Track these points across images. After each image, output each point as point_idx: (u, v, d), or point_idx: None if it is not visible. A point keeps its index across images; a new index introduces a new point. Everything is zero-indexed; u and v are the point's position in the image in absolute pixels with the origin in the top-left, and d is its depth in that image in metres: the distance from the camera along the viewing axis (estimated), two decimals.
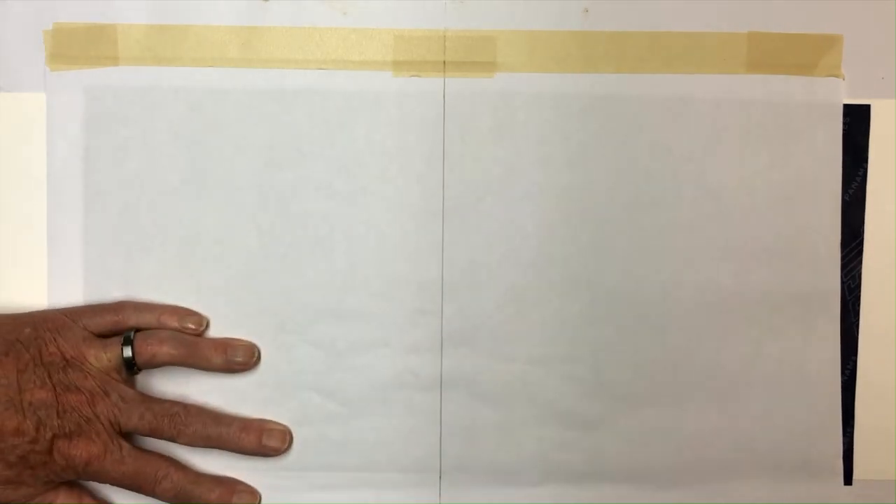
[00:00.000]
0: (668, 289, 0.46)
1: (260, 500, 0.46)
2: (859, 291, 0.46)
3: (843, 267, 0.46)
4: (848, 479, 0.46)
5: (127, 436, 0.44)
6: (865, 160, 0.46)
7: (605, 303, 0.46)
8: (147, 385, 0.45)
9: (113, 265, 0.46)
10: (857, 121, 0.46)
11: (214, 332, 0.46)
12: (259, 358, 0.46)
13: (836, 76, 0.46)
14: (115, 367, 0.43)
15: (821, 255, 0.46)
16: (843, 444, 0.46)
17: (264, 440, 0.45)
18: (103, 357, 0.43)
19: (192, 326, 0.45)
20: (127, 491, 0.43)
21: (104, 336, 0.44)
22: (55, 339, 0.42)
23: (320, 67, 0.46)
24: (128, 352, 0.43)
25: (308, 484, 0.46)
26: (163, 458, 0.44)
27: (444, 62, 0.45)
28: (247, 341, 0.46)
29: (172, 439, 0.44)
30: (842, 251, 0.46)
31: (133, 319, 0.44)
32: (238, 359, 0.45)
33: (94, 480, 0.43)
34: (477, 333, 0.46)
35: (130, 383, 0.44)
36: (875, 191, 0.46)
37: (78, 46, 0.46)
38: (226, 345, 0.45)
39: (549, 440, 0.46)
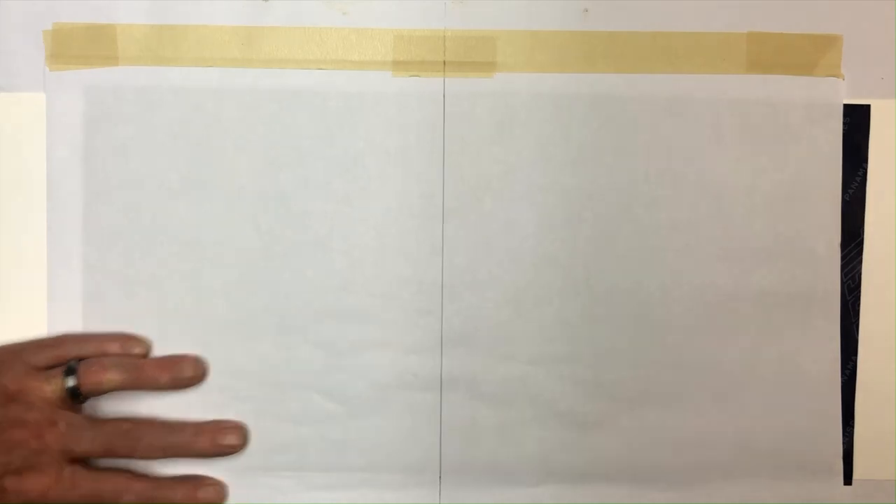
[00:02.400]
0: (668, 289, 0.46)
1: (227, 491, 0.45)
2: (859, 291, 0.46)
3: (843, 267, 0.46)
4: (848, 479, 0.46)
5: (83, 461, 0.43)
6: (865, 160, 0.46)
7: (605, 303, 0.46)
8: (118, 404, 0.45)
9: (113, 265, 0.46)
10: (856, 121, 0.46)
11: (214, 332, 0.46)
12: (207, 370, 0.45)
13: (836, 76, 0.46)
14: (61, 398, 0.42)
15: (820, 256, 0.46)
16: (843, 444, 0.46)
17: (219, 439, 0.44)
18: (46, 389, 0.41)
19: (138, 351, 0.44)
20: None
21: (48, 368, 0.43)
22: None
23: (320, 67, 0.46)
24: (71, 381, 0.42)
25: (308, 484, 0.46)
26: (121, 472, 0.43)
27: (444, 62, 0.45)
28: (192, 354, 0.44)
29: (129, 456, 0.42)
30: (841, 251, 0.46)
31: (74, 351, 0.43)
32: (186, 374, 0.44)
33: None
34: (477, 333, 0.46)
35: (77, 410, 0.43)
36: (875, 191, 0.46)
37: (78, 46, 0.46)
38: (171, 362, 0.44)
39: (549, 440, 0.46)
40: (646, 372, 0.46)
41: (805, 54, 0.45)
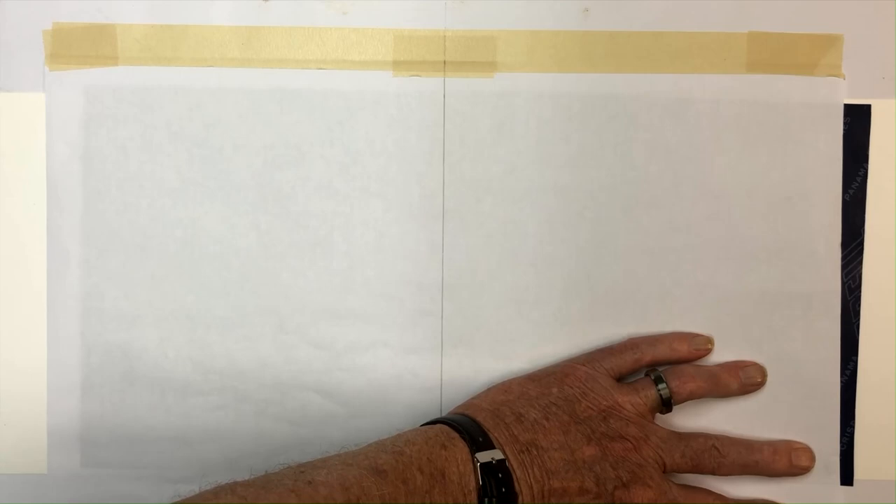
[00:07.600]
0: (668, 289, 0.46)
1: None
2: (860, 292, 0.46)
3: (844, 267, 0.46)
4: (848, 479, 0.46)
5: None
6: (866, 160, 0.46)
7: (605, 303, 0.46)
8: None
9: (112, 265, 0.46)
10: (857, 121, 0.46)
11: (214, 332, 0.46)
12: (767, 375, 0.46)
13: (837, 76, 0.45)
14: (650, 409, 0.43)
15: (821, 256, 0.46)
16: (844, 444, 0.46)
17: (794, 461, 0.45)
18: (638, 401, 0.43)
19: (709, 347, 0.45)
20: None
21: (620, 377, 0.44)
22: (585, 394, 0.42)
23: (320, 67, 0.46)
24: (665, 391, 0.43)
25: None
26: (704, 490, 0.44)
27: (444, 62, 0.45)
28: (752, 361, 0.46)
29: (711, 472, 0.43)
30: (842, 251, 0.46)
31: (650, 354, 0.44)
32: (756, 380, 0.45)
33: None
34: (477, 333, 0.46)
35: (659, 423, 0.44)
36: (876, 191, 0.46)
37: (77, 46, 0.46)
38: (737, 368, 0.45)
39: None
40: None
41: (805, 54, 0.45)
